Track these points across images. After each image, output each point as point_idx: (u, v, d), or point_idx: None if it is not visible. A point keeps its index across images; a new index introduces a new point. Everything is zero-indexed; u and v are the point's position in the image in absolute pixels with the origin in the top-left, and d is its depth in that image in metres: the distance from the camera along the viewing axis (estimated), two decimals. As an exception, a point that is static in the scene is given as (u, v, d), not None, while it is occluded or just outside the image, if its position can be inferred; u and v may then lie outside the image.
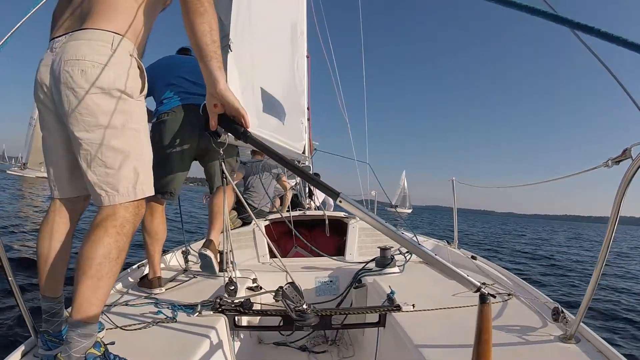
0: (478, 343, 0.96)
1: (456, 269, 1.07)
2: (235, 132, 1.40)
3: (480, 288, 1.00)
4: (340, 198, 1.19)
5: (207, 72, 1.31)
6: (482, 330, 0.96)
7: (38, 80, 1.30)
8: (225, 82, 1.33)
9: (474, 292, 1.01)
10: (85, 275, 1.18)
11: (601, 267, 1.35)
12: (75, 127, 1.24)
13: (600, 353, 1.37)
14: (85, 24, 1.27)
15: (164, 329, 1.60)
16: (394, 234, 1.13)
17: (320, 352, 2.32)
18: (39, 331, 1.33)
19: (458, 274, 1.05)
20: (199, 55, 1.31)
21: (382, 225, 1.15)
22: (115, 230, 1.25)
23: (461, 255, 2.92)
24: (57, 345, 1.29)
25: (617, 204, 1.25)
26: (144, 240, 2.19)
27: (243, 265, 2.76)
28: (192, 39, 1.32)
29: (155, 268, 2.18)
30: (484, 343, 0.96)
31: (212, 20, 1.32)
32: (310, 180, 1.32)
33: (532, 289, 2.06)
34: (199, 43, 1.30)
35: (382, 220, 1.16)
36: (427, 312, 1.75)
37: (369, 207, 5.35)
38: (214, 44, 1.32)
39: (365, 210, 1.17)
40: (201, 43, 1.29)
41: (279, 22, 2.95)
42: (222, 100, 1.33)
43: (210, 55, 1.30)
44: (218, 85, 1.31)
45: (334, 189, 1.23)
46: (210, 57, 1.30)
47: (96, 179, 1.27)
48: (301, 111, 3.46)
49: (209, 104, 1.36)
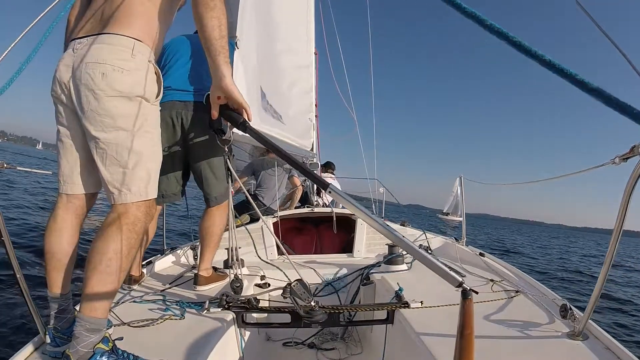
0: (461, 338, 0.98)
1: (440, 264, 1.09)
2: (234, 121, 1.45)
3: (462, 283, 1.02)
4: (330, 189, 1.23)
5: (214, 66, 1.37)
6: (465, 326, 0.98)
7: (57, 78, 1.32)
8: (231, 76, 1.39)
9: (455, 287, 1.03)
10: (96, 270, 1.20)
11: (609, 263, 1.33)
12: (93, 126, 1.27)
13: (609, 350, 1.36)
14: (107, 29, 1.31)
15: (172, 325, 1.60)
16: (382, 227, 1.15)
17: (328, 349, 2.31)
18: (47, 328, 1.33)
19: (442, 269, 1.07)
20: (207, 49, 1.36)
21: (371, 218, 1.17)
22: (127, 227, 1.28)
23: (469, 252, 2.90)
24: (66, 342, 1.29)
25: (624, 200, 1.24)
26: None
27: (251, 262, 2.75)
28: (201, 32, 1.35)
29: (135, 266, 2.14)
30: (466, 337, 0.98)
31: (221, 15, 1.35)
32: (304, 171, 1.36)
33: (540, 285, 2.04)
34: (208, 37, 1.34)
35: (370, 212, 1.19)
36: (436, 309, 1.73)
37: (377, 206, 5.32)
38: (223, 39, 1.36)
39: (354, 203, 1.20)
40: (210, 37, 1.34)
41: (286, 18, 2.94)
42: (226, 93, 1.39)
43: (219, 50, 1.35)
44: (224, 79, 1.37)
45: (324, 180, 1.27)
46: (219, 51, 1.36)
47: (110, 178, 1.30)
48: (309, 108, 3.45)
49: (212, 96, 1.43)
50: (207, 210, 2.16)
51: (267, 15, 2.57)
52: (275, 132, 2.59)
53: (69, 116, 1.36)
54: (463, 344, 0.98)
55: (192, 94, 1.98)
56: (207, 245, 2.15)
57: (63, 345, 1.29)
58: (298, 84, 3.22)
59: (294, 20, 3.15)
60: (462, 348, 0.98)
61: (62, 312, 1.36)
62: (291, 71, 3.08)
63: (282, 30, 2.89)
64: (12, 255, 1.25)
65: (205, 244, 2.16)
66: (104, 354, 1.17)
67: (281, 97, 2.83)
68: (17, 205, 8.11)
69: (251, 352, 1.93)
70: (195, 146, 2.01)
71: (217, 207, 2.13)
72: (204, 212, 2.17)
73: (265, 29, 2.51)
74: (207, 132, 1.97)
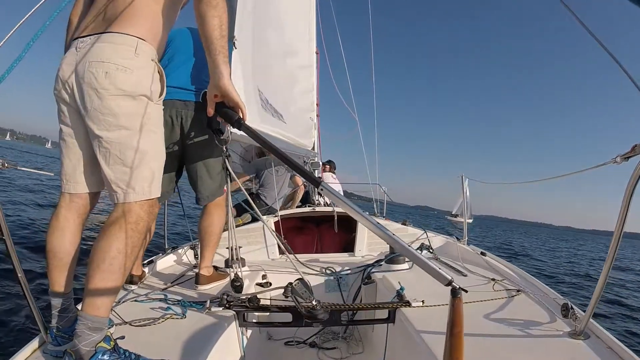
0: (450, 336, 0.99)
1: (430, 263, 1.11)
2: (229, 118, 1.46)
3: (451, 282, 1.04)
4: (322, 187, 1.25)
5: (213, 65, 1.38)
6: (455, 324, 0.99)
7: (60, 77, 1.32)
8: (229, 76, 1.41)
9: (445, 285, 1.05)
10: (99, 268, 1.20)
11: (611, 261, 1.33)
12: (96, 125, 1.27)
13: (610, 349, 1.36)
14: (110, 28, 1.31)
15: (173, 324, 1.60)
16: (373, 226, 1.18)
17: (329, 349, 2.31)
18: (48, 327, 1.33)
19: (432, 268, 1.09)
20: (206, 47, 1.36)
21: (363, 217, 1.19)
22: (130, 226, 1.28)
23: (470, 251, 2.90)
24: (67, 341, 1.29)
25: (626, 199, 1.24)
26: None
27: (252, 261, 2.75)
28: (201, 30, 1.36)
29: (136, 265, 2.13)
30: (456, 336, 0.99)
31: (223, 14, 1.36)
32: (296, 168, 1.37)
33: (541, 285, 2.04)
34: (208, 36, 1.35)
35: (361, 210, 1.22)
36: (437, 308, 1.73)
37: (379, 205, 5.32)
38: (223, 39, 1.37)
39: (345, 200, 1.22)
40: (211, 37, 1.35)
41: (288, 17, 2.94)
42: (223, 92, 1.41)
43: (218, 49, 1.37)
44: (222, 78, 1.39)
45: (316, 177, 1.30)
46: (218, 51, 1.37)
47: (113, 177, 1.30)
48: (310, 107, 3.45)
49: (209, 94, 1.44)
50: (205, 209, 2.15)
51: (268, 14, 2.57)
52: (276, 131, 2.59)
53: (72, 115, 1.36)
54: (453, 342, 0.99)
55: (193, 93, 1.96)
56: (207, 245, 2.15)
57: (64, 344, 1.29)
58: (299, 83, 3.22)
59: (295, 19, 3.14)
60: (453, 346, 0.98)
61: (63, 311, 1.35)
62: (292, 70, 3.08)
63: (283, 29, 2.89)
64: (13, 254, 1.24)
65: (204, 243, 2.16)
66: (105, 352, 1.17)
67: (282, 96, 2.83)
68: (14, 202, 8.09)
69: (252, 351, 1.93)
70: (193, 146, 2.00)
71: (215, 206, 2.13)
72: (202, 212, 2.17)
73: (266, 29, 2.51)
74: (206, 132, 1.96)
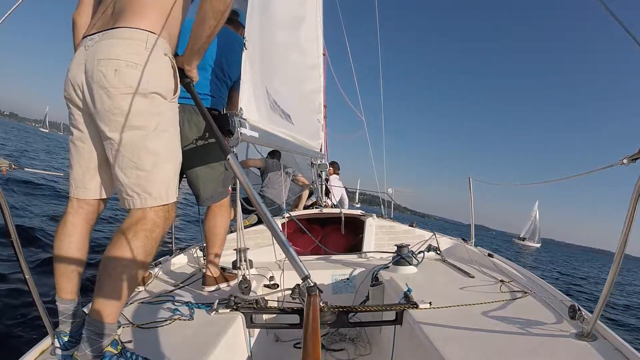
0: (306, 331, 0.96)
1: (295, 255, 1.17)
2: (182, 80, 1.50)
3: (307, 277, 1.10)
4: (229, 157, 1.32)
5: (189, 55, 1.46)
6: (313, 319, 0.99)
7: (70, 79, 1.28)
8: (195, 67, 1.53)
9: (301, 279, 1.10)
10: (109, 277, 1.17)
11: (618, 264, 1.31)
12: (107, 127, 1.22)
13: (618, 351, 1.34)
14: (118, 23, 1.25)
15: (181, 326, 1.60)
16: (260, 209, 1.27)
17: (337, 350, 2.30)
18: (56, 331, 1.32)
19: (295, 260, 1.15)
20: (193, 44, 1.41)
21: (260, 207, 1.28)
22: (144, 234, 1.23)
23: (477, 252, 2.87)
24: (74, 345, 1.29)
25: (633, 201, 1.22)
26: None
27: (260, 263, 2.75)
28: (197, 28, 1.37)
29: None
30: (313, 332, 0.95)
31: (221, 24, 1.36)
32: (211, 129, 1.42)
33: (549, 286, 2.02)
34: (199, 37, 1.38)
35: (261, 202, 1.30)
36: (444, 310, 1.72)
37: (385, 207, 5.29)
38: (208, 44, 1.43)
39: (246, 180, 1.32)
40: (202, 37, 1.38)
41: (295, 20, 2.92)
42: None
43: (201, 52, 1.44)
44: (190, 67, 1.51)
45: (226, 145, 1.37)
46: (201, 53, 1.45)
47: (128, 181, 1.24)
48: (318, 109, 3.43)
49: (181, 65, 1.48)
50: (208, 210, 2.14)
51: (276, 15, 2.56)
52: (285, 132, 2.57)
53: (83, 119, 1.32)
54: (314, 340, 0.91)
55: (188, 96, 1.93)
56: (213, 246, 2.14)
57: (72, 349, 1.28)
58: (307, 85, 3.20)
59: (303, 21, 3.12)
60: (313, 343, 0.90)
61: (71, 316, 1.34)
62: (300, 72, 3.07)
63: (291, 30, 2.87)
64: (21, 257, 1.23)
65: (210, 244, 2.14)
66: (112, 357, 1.16)
67: (290, 98, 2.81)
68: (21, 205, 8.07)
69: (260, 352, 1.92)
70: (197, 149, 1.97)
71: (219, 207, 2.12)
72: (206, 213, 2.15)
73: (275, 30, 2.49)
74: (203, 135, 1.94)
